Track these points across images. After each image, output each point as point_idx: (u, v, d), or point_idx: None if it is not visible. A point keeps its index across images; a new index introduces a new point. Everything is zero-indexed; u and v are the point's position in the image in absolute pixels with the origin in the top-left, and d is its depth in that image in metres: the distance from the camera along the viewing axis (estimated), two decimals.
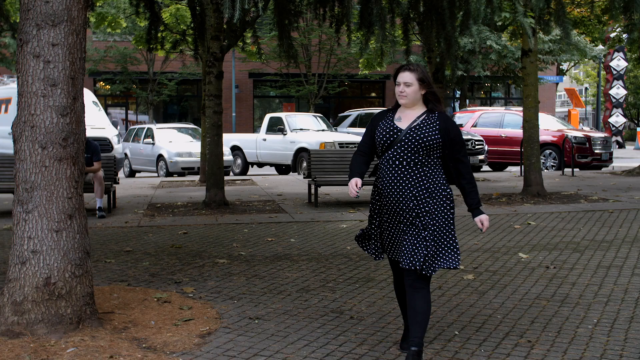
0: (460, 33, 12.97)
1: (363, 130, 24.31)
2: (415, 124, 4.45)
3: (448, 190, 4.45)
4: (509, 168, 22.18)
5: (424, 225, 4.34)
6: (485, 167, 21.81)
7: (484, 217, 4.49)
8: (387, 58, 24.00)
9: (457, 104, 36.09)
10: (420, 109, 4.52)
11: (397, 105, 4.62)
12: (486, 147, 20.72)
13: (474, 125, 22.39)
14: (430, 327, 5.19)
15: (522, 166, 14.38)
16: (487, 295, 6.10)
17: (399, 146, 4.42)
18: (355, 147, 18.02)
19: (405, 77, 4.48)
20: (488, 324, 5.30)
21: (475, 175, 18.44)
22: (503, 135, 21.49)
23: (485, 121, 22.46)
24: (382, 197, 4.51)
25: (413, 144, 4.39)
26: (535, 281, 6.59)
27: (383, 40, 11.79)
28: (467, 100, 35.97)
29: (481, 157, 20.38)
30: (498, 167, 22.29)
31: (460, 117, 23.88)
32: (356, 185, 4.49)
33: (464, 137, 20.18)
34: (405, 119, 4.51)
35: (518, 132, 19.23)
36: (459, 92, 35.44)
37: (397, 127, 4.48)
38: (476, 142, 20.21)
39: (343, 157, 12.41)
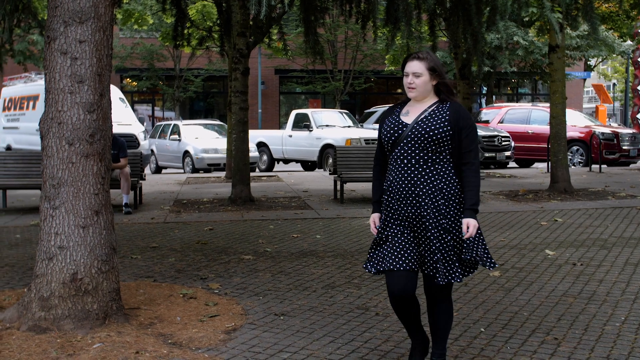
0: (487, 29, 12.86)
1: None
2: (422, 116, 4.02)
3: (461, 193, 4.01)
4: (536, 164, 22.00)
5: (446, 231, 3.93)
6: (512, 164, 21.65)
7: (471, 222, 3.91)
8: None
9: (483, 100, 35.86)
10: (430, 102, 4.08)
11: (407, 99, 4.17)
12: (513, 144, 20.58)
13: (501, 122, 22.23)
14: (455, 324, 5.16)
15: (549, 162, 14.25)
16: (513, 292, 6.05)
17: (406, 142, 3.99)
18: None
19: (414, 66, 4.02)
20: (514, 321, 5.26)
21: (502, 171, 18.38)
22: (530, 131, 21.32)
23: (511, 117, 22.29)
24: (391, 202, 4.05)
25: (420, 139, 3.95)
26: (562, 278, 6.53)
27: (409, 36, 11.73)
28: (494, 97, 35.74)
29: (508, 153, 20.26)
30: (525, 163, 22.12)
31: (487, 114, 23.74)
32: (375, 224, 4.14)
33: (490, 132, 20.08)
34: (413, 112, 4.08)
35: (545, 129, 19.06)
36: (485, 88, 35.21)
37: (403, 122, 4.05)
38: (503, 139, 20.09)
39: (369, 154, 12.38)
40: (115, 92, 19.35)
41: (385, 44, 15.14)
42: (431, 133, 3.93)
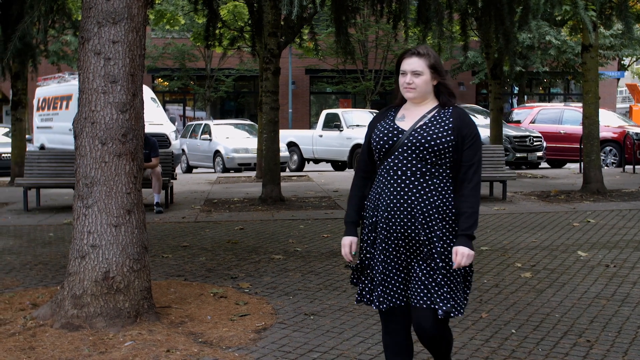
0: (519, 28, 12.77)
1: None
2: (421, 122, 3.48)
3: None
4: (568, 165, 21.76)
5: (438, 256, 3.39)
6: (544, 164, 21.45)
7: (464, 251, 3.35)
8: (445, 54, 23.81)
9: (515, 100, 35.58)
10: (429, 105, 3.54)
11: (401, 102, 3.62)
12: (544, 144, 20.39)
13: (533, 122, 22.04)
14: (486, 325, 5.12)
15: (582, 163, 14.09)
16: (545, 294, 5.99)
17: (401, 152, 3.44)
18: None
19: (414, 64, 3.48)
20: (546, 323, 5.21)
21: (533, 172, 18.21)
22: (562, 131, 21.10)
23: (543, 117, 22.08)
24: (377, 219, 3.50)
25: (418, 149, 3.41)
26: (595, 280, 6.45)
27: (440, 36, 11.69)
28: (526, 97, 35.43)
29: (539, 153, 20.09)
30: (557, 164, 21.89)
31: (518, 114, 23.55)
32: (350, 248, 3.56)
33: (521, 132, 19.91)
34: (410, 117, 3.53)
35: (577, 129, 18.85)
36: (517, 88, 34.93)
37: (398, 127, 3.50)
38: (534, 139, 19.92)
39: None
40: (147, 92, 19.50)
41: (417, 44, 15.07)
42: (432, 142, 3.40)
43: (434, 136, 3.41)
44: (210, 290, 6.11)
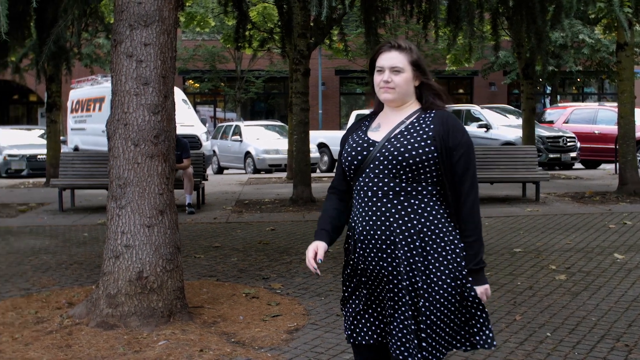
0: (551, 27, 12.65)
1: None
2: (396, 131, 2.89)
3: (454, 238, 2.84)
4: (603, 166, 21.49)
5: (420, 305, 2.80)
6: (578, 165, 21.21)
7: (486, 290, 2.87)
8: (476, 54, 23.63)
9: (547, 100, 35.23)
10: (409, 110, 2.95)
11: (379, 107, 3.05)
12: (578, 144, 20.16)
13: (566, 122, 21.80)
14: (521, 328, 5.07)
15: (617, 164, 13.90)
16: (580, 297, 5.91)
17: (372, 168, 2.86)
18: None
19: (393, 59, 2.90)
20: (582, 326, 5.14)
21: (567, 172, 17.99)
22: (596, 131, 20.84)
23: (577, 117, 21.83)
24: (354, 248, 2.95)
25: (391, 163, 2.82)
26: (632, 283, 6.34)
27: (471, 36, 11.61)
28: (559, 97, 35.06)
29: (573, 154, 19.86)
30: (591, 164, 21.62)
31: (551, 114, 23.32)
32: (315, 256, 2.97)
33: (554, 133, 19.70)
34: (385, 125, 2.95)
35: (612, 129, 18.60)
36: (549, 88, 34.58)
37: (370, 139, 2.93)
38: (568, 139, 19.70)
39: None
40: (178, 94, 19.65)
41: (447, 44, 14.99)
42: (407, 155, 2.80)
43: (409, 147, 2.81)
44: (243, 290, 6.12)
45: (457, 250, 2.83)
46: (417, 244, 2.80)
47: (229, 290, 6.13)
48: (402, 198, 2.82)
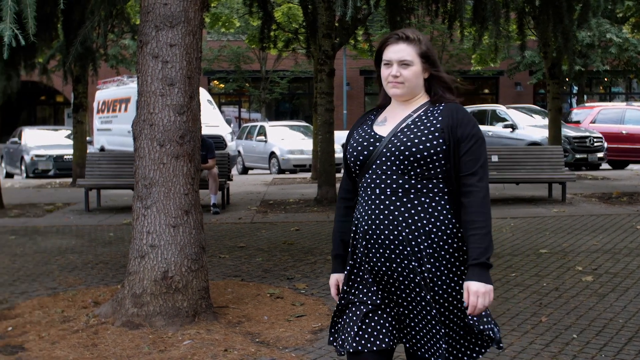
0: (578, 26, 12.55)
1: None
2: (403, 125, 2.77)
3: (460, 242, 2.70)
4: (630, 166, 21.25)
5: (436, 300, 2.69)
6: (605, 165, 20.99)
7: (477, 288, 2.60)
8: (501, 53, 23.49)
9: (574, 100, 34.94)
10: (417, 103, 2.83)
11: (386, 102, 2.94)
12: (605, 145, 19.95)
13: (593, 122, 21.58)
14: (546, 330, 5.02)
15: None
16: (607, 298, 5.85)
17: (379, 164, 2.73)
18: None
19: (402, 51, 2.78)
20: (609, 328, 5.08)
21: (594, 173, 17.82)
22: (624, 131, 20.61)
23: (604, 117, 21.61)
24: (359, 249, 2.78)
25: (398, 158, 2.69)
26: None
27: (497, 35, 11.55)
28: (585, 96, 34.76)
29: (600, 154, 19.65)
30: (618, 165, 21.39)
31: (577, 114, 23.11)
32: (337, 288, 2.90)
33: (581, 133, 19.52)
34: (392, 120, 2.83)
35: None
36: (576, 88, 34.28)
37: (375, 134, 2.80)
38: (595, 139, 19.51)
39: None
40: (203, 94, 19.73)
41: (473, 44, 14.91)
42: (414, 149, 2.67)
43: (416, 141, 2.68)
44: (267, 290, 6.13)
45: (464, 257, 2.69)
46: (427, 244, 2.66)
47: (253, 290, 6.15)
48: (412, 196, 2.68)
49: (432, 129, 2.70)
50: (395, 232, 2.67)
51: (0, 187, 12.11)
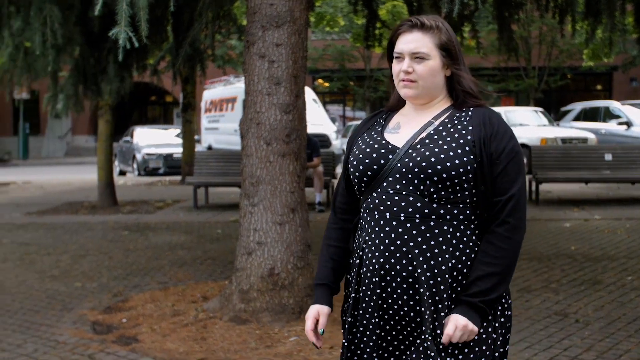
0: None
1: (587, 124, 22.35)
2: (423, 135, 2.23)
3: None
4: None
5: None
6: None
7: (457, 320, 2.12)
8: (616, 48, 22.61)
9: None
10: (439, 108, 2.29)
11: (398, 103, 2.39)
12: None
13: None
14: (631, 321, 4.79)
15: None
16: None
17: (392, 182, 2.19)
18: (579, 142, 17.13)
19: (415, 42, 2.23)
20: None
21: None
22: None
23: None
24: (363, 283, 2.25)
25: (417, 176, 2.16)
26: None
27: (612, 29, 11.07)
28: None
29: None
30: None
31: None
32: (316, 323, 2.37)
33: None
34: (407, 126, 2.29)
35: None
36: None
37: (387, 143, 2.26)
38: None
39: (566, 154, 11.87)
40: (309, 93, 19.87)
41: (585, 39, 14.41)
42: (439, 167, 2.14)
43: (442, 156, 2.15)
44: None
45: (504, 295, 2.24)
46: (447, 285, 2.14)
47: None
48: (432, 223, 2.15)
49: (462, 141, 2.18)
50: (410, 268, 2.15)
51: (114, 185, 12.56)
